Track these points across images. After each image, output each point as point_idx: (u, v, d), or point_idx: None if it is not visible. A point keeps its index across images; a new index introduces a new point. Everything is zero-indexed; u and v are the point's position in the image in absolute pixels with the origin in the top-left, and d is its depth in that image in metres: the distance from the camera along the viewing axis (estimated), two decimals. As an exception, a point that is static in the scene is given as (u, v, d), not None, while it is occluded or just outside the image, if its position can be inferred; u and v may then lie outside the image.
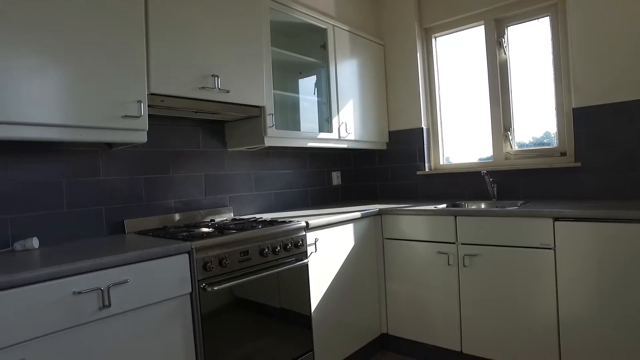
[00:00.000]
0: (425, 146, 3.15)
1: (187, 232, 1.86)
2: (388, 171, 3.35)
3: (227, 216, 2.45)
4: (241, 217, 2.49)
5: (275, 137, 2.35)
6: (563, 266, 2.00)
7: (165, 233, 1.85)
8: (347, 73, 2.91)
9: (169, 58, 1.84)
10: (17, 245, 1.60)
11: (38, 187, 1.77)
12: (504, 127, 2.87)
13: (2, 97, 1.39)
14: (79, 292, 1.30)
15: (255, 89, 2.21)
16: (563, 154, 2.63)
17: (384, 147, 3.32)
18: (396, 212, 2.56)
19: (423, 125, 3.16)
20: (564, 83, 2.60)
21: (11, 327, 1.18)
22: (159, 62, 1.81)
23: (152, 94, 1.80)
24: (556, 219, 2.02)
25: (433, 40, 3.20)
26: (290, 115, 2.77)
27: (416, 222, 2.48)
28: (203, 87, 1.97)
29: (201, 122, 2.39)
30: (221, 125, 2.49)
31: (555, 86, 2.66)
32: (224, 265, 1.69)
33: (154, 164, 2.17)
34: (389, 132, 3.33)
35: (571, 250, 1.98)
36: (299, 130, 2.69)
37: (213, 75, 2.01)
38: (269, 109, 2.29)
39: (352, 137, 2.92)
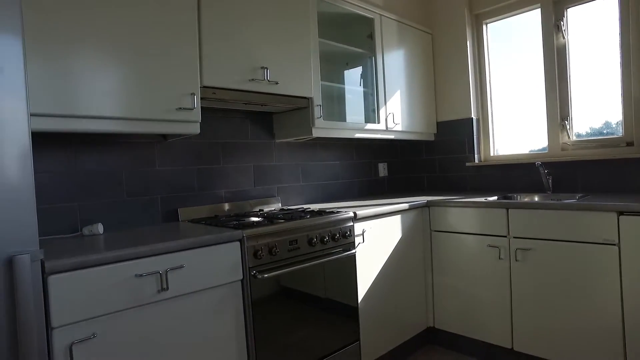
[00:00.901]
0: (474, 137, 3.06)
1: (238, 221, 1.91)
2: (436, 163, 3.28)
3: (275, 206, 2.49)
4: (289, 207, 2.53)
5: (323, 128, 2.36)
6: (629, 264, 1.88)
7: (217, 222, 1.91)
8: (394, 63, 2.87)
9: (220, 51, 1.89)
10: (85, 230, 1.72)
11: (102, 176, 1.88)
12: (560, 116, 2.72)
13: (70, 93, 1.49)
14: (140, 275, 1.38)
15: (303, 80, 2.23)
16: (630, 143, 2.46)
17: (432, 138, 3.25)
18: (445, 204, 2.51)
19: (473, 116, 3.06)
20: (633, 67, 2.42)
21: (84, 304, 1.27)
22: (210, 55, 1.87)
23: (204, 87, 1.86)
24: (621, 213, 1.90)
25: (484, 26, 3.09)
26: (336, 107, 2.77)
27: (465, 214, 2.42)
28: (252, 79, 2.01)
29: (250, 113, 2.44)
30: (269, 116, 2.54)
31: (623, 71, 2.48)
32: (273, 253, 1.73)
33: (205, 154, 2.24)
34: (437, 123, 3.26)
35: (638, 246, 1.86)
36: (345, 121, 2.69)
37: (262, 68, 2.04)
38: (317, 100, 2.31)
39: (399, 127, 2.88)
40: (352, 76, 2.94)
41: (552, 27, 2.73)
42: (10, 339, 1.12)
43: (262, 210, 2.38)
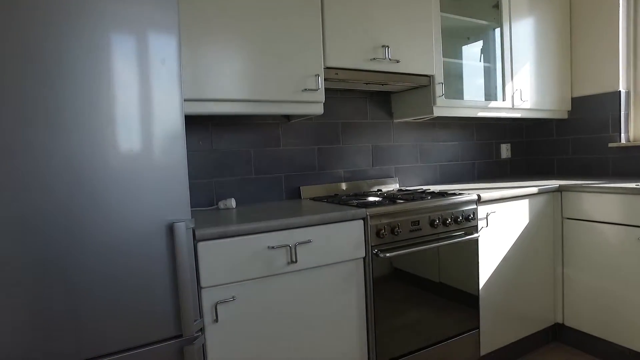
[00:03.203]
0: (621, 113, 2.66)
1: (359, 200, 1.94)
2: (569, 143, 2.94)
3: (392, 187, 2.48)
4: (407, 188, 2.49)
5: (445, 107, 2.26)
6: None
7: (338, 200, 1.96)
8: (523, 33, 2.61)
9: (342, 32, 1.91)
10: (221, 204, 1.89)
11: (234, 155, 2.05)
12: None
13: (201, 78, 1.62)
14: (273, 247, 1.48)
15: (424, 57, 2.15)
16: None
17: (565, 115, 2.92)
18: (581, 189, 2.24)
19: (621, 88, 2.66)
20: None
21: (225, 270, 1.41)
22: (333, 36, 1.89)
23: (327, 68, 1.90)
24: None
25: (639, -17, 2.64)
26: (454, 84, 2.63)
27: (607, 201, 2.14)
28: (374, 59, 1.99)
29: (369, 93, 2.43)
30: (388, 96, 2.50)
31: None
32: (395, 233, 1.73)
33: (325, 134, 2.30)
34: (572, 99, 2.90)
35: None
36: (462, 99, 2.53)
37: (383, 46, 2.01)
38: (438, 77, 2.21)
39: (527, 105, 2.63)
40: (471, 51, 2.75)
41: None
42: (172, 292, 1.29)
43: (381, 190, 2.38)
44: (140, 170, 1.23)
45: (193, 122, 1.94)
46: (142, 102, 1.23)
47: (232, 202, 1.89)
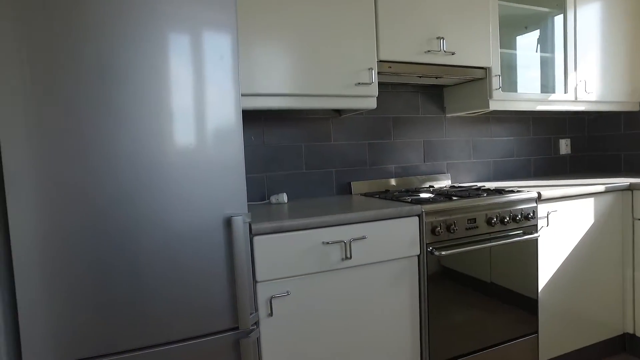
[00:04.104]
0: (700, 106, 2.44)
1: (412, 196, 1.89)
2: (639, 138, 2.73)
3: (444, 183, 2.40)
4: (460, 184, 2.41)
5: (501, 101, 2.16)
6: None
7: (390, 196, 1.92)
8: (588, 19, 2.44)
9: (396, 24, 1.86)
10: (273, 199, 1.90)
11: (284, 150, 2.05)
12: None
13: (252, 73, 1.62)
14: (327, 243, 1.47)
15: (481, 49, 2.06)
16: None
17: (636, 107, 2.71)
18: (655, 188, 2.08)
19: (700, 79, 2.44)
20: None
21: (281, 264, 1.41)
22: (387, 29, 1.85)
23: (380, 61, 1.86)
24: None
25: None
26: (508, 76, 2.50)
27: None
28: (428, 51, 1.93)
29: (420, 87, 2.37)
30: (440, 90, 2.43)
31: None
32: (451, 231, 1.67)
33: (376, 129, 2.26)
34: (643, 90, 2.69)
35: None
36: (516, 92, 2.40)
37: (438, 38, 1.95)
38: (495, 69, 2.11)
39: (592, 97, 2.46)
40: (526, 41, 2.61)
41: None
42: (229, 285, 1.30)
43: (432, 186, 2.32)
44: (200, 164, 1.26)
45: (245, 117, 1.96)
46: (201, 97, 1.25)
47: (284, 197, 1.90)
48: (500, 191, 1.92)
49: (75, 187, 1.14)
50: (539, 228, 1.92)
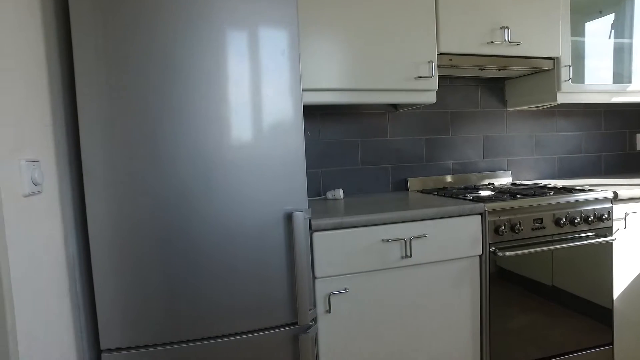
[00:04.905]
0: None
1: (471, 194, 1.82)
2: None
3: (504, 181, 2.30)
4: (522, 182, 2.29)
5: (571, 93, 2.02)
6: None
7: (450, 193, 1.86)
8: (672, 4, 2.24)
9: (457, 14, 1.79)
10: (329, 195, 1.90)
11: (340, 145, 2.04)
12: None
13: (307, 68, 1.62)
14: (387, 240, 1.44)
15: (549, 38, 1.94)
16: None
17: None
18: None
19: None
20: None
21: (339, 261, 1.40)
22: (447, 20, 1.78)
23: (440, 54, 1.80)
24: None
25: None
26: (577, 66, 2.33)
27: None
28: (491, 42, 1.84)
29: (480, 80, 2.27)
30: (501, 82, 2.31)
31: None
32: (516, 231, 1.59)
33: (434, 124, 2.20)
34: None
35: None
36: (583, 82, 2.22)
37: (502, 28, 1.85)
38: (565, 59, 1.98)
39: (674, 88, 2.26)
40: (596, 27, 2.42)
41: None
42: (289, 280, 1.31)
43: (492, 184, 2.22)
44: (261, 159, 1.27)
45: (304, 113, 1.97)
46: (263, 93, 1.26)
47: (340, 193, 1.89)
48: (569, 190, 1.80)
49: (142, 181, 1.18)
50: (614, 230, 1.78)
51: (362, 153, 2.08)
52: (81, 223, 1.27)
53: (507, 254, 1.55)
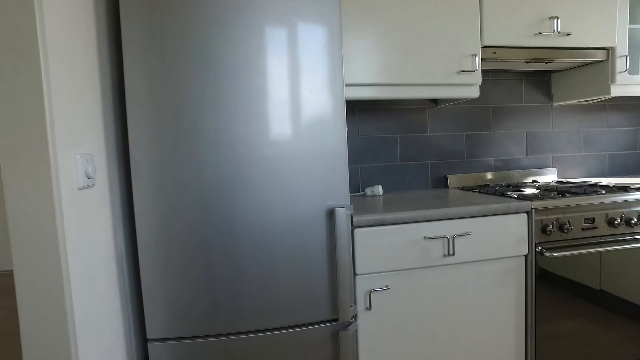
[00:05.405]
0: None
1: (515, 191, 1.76)
2: None
3: (549, 178, 2.21)
4: (568, 180, 2.20)
5: (627, 85, 1.91)
6: None
7: (492, 190, 1.80)
8: None
9: (502, 6, 1.72)
10: (368, 191, 1.88)
11: (379, 141, 2.01)
12: None
13: (346, 62, 1.60)
14: (429, 238, 1.41)
15: (604, 26, 1.83)
16: None
17: None
18: None
19: None
20: None
21: (380, 258, 1.38)
22: (492, 12, 1.72)
23: (484, 47, 1.74)
24: None
25: None
26: (633, 56, 2.20)
27: None
28: (539, 33, 1.76)
29: (524, 73, 2.19)
30: (547, 75, 2.22)
31: None
32: (565, 231, 1.52)
33: (475, 120, 2.13)
34: None
35: None
36: (637, 74, 2.09)
37: (551, 18, 1.77)
38: (621, 49, 1.87)
39: None
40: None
41: None
42: (330, 277, 1.31)
43: (536, 181, 2.14)
44: (304, 154, 1.26)
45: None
46: (305, 87, 1.26)
47: (379, 189, 1.86)
48: (624, 188, 1.71)
49: (185, 176, 1.20)
50: (671, 231, 1.68)
51: (401, 149, 2.04)
52: (128, 216, 1.31)
53: (555, 254, 1.49)
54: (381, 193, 1.87)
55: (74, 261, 0.95)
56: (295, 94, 1.25)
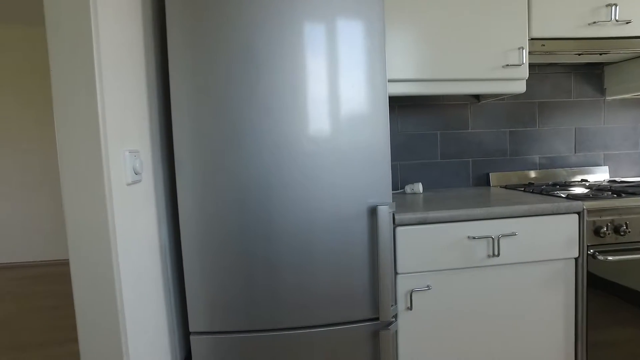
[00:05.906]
0: None
1: (563, 190, 1.68)
2: None
3: (601, 177, 2.09)
4: (622, 179, 2.08)
5: (689, 78, 1.79)
6: None
7: (538, 189, 1.73)
8: None
9: (553, -5, 1.64)
10: (407, 188, 1.84)
11: (419, 138, 1.97)
12: None
13: (388, 60, 1.56)
14: (473, 238, 1.36)
15: (663, 15, 1.72)
16: None
17: None
18: None
19: None
20: None
21: (422, 257, 1.35)
22: (540, 2, 1.64)
23: (532, 39, 1.66)
24: None
25: None
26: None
27: None
28: (593, 23, 1.67)
29: (573, 66, 2.08)
30: (598, 68, 2.10)
31: None
32: (621, 233, 1.44)
33: (519, 116, 2.05)
34: None
35: None
36: None
37: (608, 5, 1.67)
38: (682, 40, 1.75)
39: None
40: None
41: None
42: (370, 275, 1.29)
43: (586, 180, 2.03)
44: (346, 151, 1.25)
45: (379, 105, 1.92)
46: (349, 84, 1.24)
47: (419, 187, 1.83)
48: (684, 188, 1.60)
49: (228, 173, 1.21)
50: None
51: (442, 146, 1.99)
52: (172, 212, 1.34)
53: (610, 257, 1.41)
54: (421, 191, 1.83)
55: (122, 253, 0.98)
56: (338, 91, 1.23)
